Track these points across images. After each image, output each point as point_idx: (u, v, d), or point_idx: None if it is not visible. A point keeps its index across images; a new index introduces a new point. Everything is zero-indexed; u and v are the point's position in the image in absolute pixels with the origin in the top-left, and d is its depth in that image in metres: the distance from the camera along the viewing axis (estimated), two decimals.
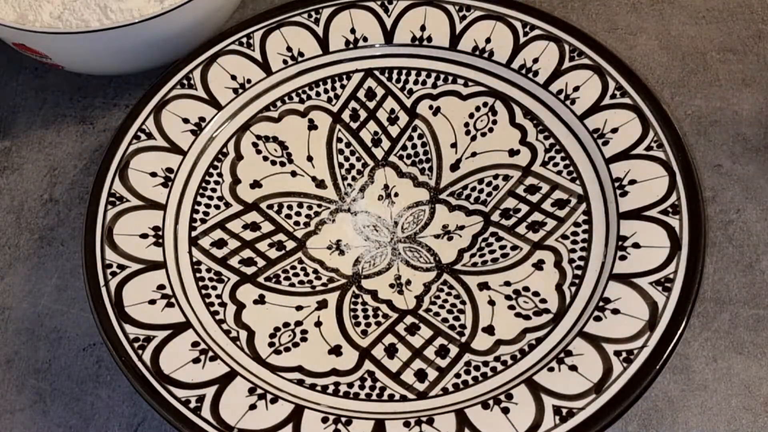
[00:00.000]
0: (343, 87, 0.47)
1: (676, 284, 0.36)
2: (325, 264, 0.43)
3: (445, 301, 0.40)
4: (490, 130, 0.45)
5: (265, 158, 0.45)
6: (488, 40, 0.46)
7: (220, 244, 0.42)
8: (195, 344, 0.37)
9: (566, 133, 0.43)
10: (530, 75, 0.45)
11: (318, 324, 0.40)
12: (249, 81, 0.46)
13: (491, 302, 0.40)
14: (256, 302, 0.40)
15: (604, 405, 0.34)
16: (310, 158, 0.46)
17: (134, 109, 0.44)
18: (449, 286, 0.41)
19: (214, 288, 0.40)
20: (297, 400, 0.36)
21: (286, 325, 0.40)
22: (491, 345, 0.38)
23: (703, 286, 0.37)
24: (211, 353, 0.37)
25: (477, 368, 0.37)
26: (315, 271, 0.42)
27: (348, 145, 0.46)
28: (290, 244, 0.43)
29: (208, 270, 0.41)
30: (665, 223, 0.38)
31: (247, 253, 0.42)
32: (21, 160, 0.49)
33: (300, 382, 0.37)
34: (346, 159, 0.46)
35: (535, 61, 0.45)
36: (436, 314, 0.40)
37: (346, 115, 0.47)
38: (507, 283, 0.40)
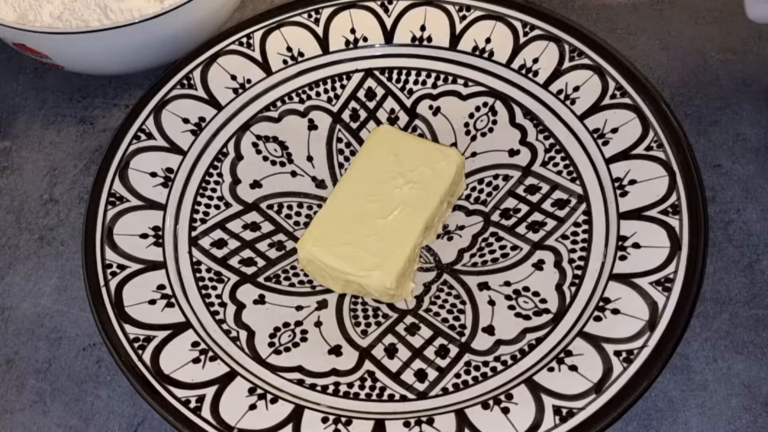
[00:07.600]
0: (343, 87, 0.47)
1: (676, 284, 0.36)
2: None
3: (445, 301, 0.40)
4: (490, 130, 0.45)
5: (265, 158, 0.45)
6: (488, 40, 0.46)
7: (220, 244, 0.42)
8: (195, 344, 0.37)
9: (566, 133, 0.43)
10: (530, 75, 0.45)
11: (318, 324, 0.40)
12: (249, 81, 0.46)
13: (491, 302, 0.40)
14: (256, 302, 0.40)
15: (604, 405, 0.34)
16: (310, 158, 0.46)
17: (134, 109, 0.44)
18: (449, 286, 0.41)
19: (214, 288, 0.40)
20: (297, 400, 0.36)
21: (286, 325, 0.40)
22: (491, 345, 0.38)
23: (703, 286, 0.37)
24: (211, 353, 0.37)
25: (477, 368, 0.37)
26: None
27: (348, 145, 0.46)
28: (290, 244, 0.43)
29: (208, 270, 0.41)
30: (665, 223, 0.38)
31: (247, 253, 0.42)
32: (21, 160, 0.49)
33: (300, 382, 0.37)
34: (347, 159, 0.46)
35: (535, 61, 0.45)
36: (436, 314, 0.40)
37: (346, 115, 0.47)
38: (507, 283, 0.40)
